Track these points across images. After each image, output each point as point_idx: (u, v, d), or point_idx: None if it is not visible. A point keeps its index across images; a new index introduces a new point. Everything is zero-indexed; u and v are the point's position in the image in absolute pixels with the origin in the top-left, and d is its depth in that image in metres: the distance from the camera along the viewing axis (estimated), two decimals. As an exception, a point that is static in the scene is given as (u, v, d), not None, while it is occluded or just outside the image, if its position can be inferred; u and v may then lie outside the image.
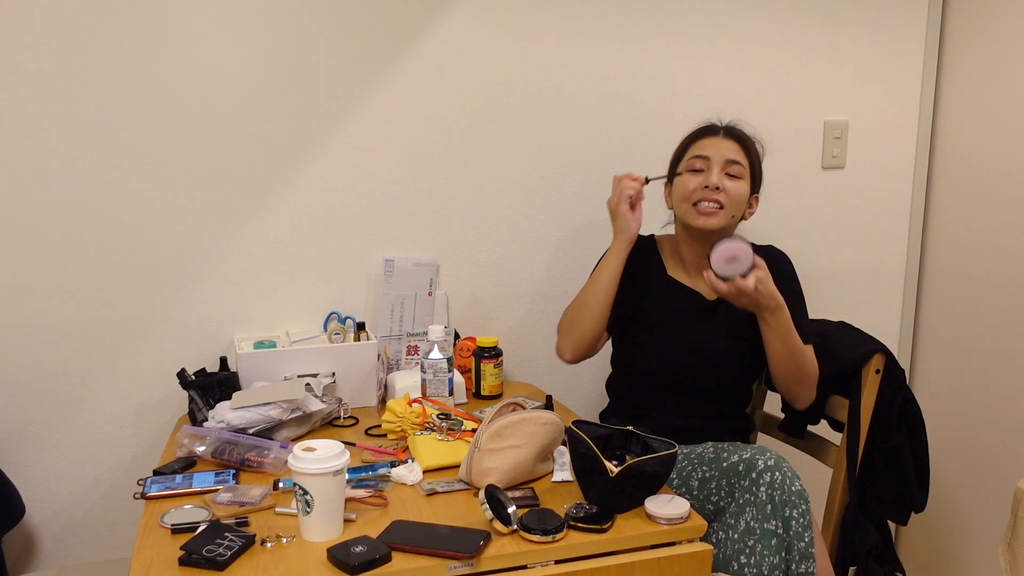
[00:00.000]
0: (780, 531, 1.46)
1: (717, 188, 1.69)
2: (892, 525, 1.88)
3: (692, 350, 1.76)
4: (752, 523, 1.48)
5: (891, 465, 1.81)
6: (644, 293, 1.80)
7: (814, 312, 2.11)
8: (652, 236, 1.89)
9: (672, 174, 1.79)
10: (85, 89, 1.77)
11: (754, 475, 1.50)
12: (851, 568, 1.80)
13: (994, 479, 2.22)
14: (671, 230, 1.87)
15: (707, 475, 1.61)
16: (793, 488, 1.47)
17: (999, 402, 2.20)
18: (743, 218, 1.79)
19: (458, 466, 1.48)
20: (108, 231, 1.83)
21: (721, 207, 1.70)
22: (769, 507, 1.47)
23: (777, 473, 1.48)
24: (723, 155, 1.72)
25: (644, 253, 1.83)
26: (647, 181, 1.77)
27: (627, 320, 1.79)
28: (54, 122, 1.76)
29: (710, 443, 1.69)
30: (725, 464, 1.57)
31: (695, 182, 1.71)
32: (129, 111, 1.80)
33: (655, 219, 1.91)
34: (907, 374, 2.29)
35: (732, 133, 1.76)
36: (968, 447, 2.29)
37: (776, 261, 1.79)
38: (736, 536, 1.50)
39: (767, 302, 1.63)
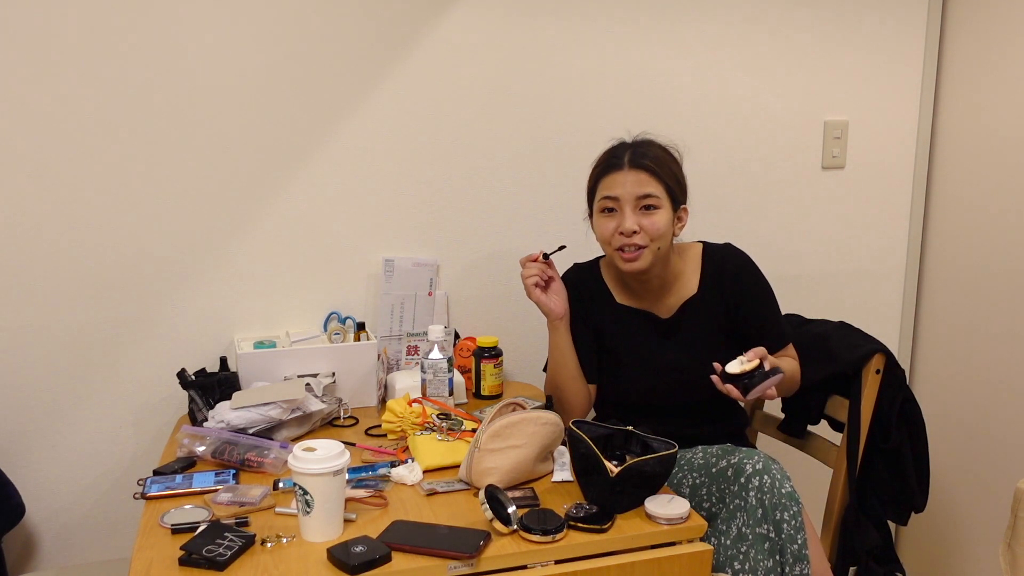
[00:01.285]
0: (772, 535, 1.45)
1: (634, 232, 1.61)
2: (892, 525, 1.88)
3: (661, 371, 1.72)
4: (744, 528, 1.47)
5: (891, 465, 1.81)
6: (600, 324, 1.77)
7: (815, 312, 2.11)
8: (596, 262, 1.83)
9: (561, 248, 1.74)
10: (85, 90, 1.77)
11: (743, 480, 1.48)
12: (851, 568, 1.80)
13: (994, 479, 2.22)
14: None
15: (698, 481, 1.59)
16: (783, 491, 1.45)
17: (999, 402, 2.20)
18: (674, 235, 1.69)
19: (458, 466, 1.48)
20: (108, 231, 1.83)
21: (643, 247, 1.63)
22: (760, 511, 1.46)
23: (766, 476, 1.47)
24: (632, 193, 1.61)
25: (590, 287, 1.78)
26: (545, 257, 1.72)
27: (597, 350, 1.78)
28: (54, 122, 1.76)
29: (700, 448, 1.67)
30: (714, 470, 1.56)
31: (610, 227, 1.64)
32: (129, 111, 1.80)
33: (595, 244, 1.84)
34: (907, 374, 2.29)
35: (637, 162, 1.63)
36: (968, 447, 2.29)
37: (738, 267, 1.73)
38: (729, 543, 1.48)
39: (789, 389, 1.74)
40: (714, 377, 1.53)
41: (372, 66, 1.93)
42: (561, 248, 1.76)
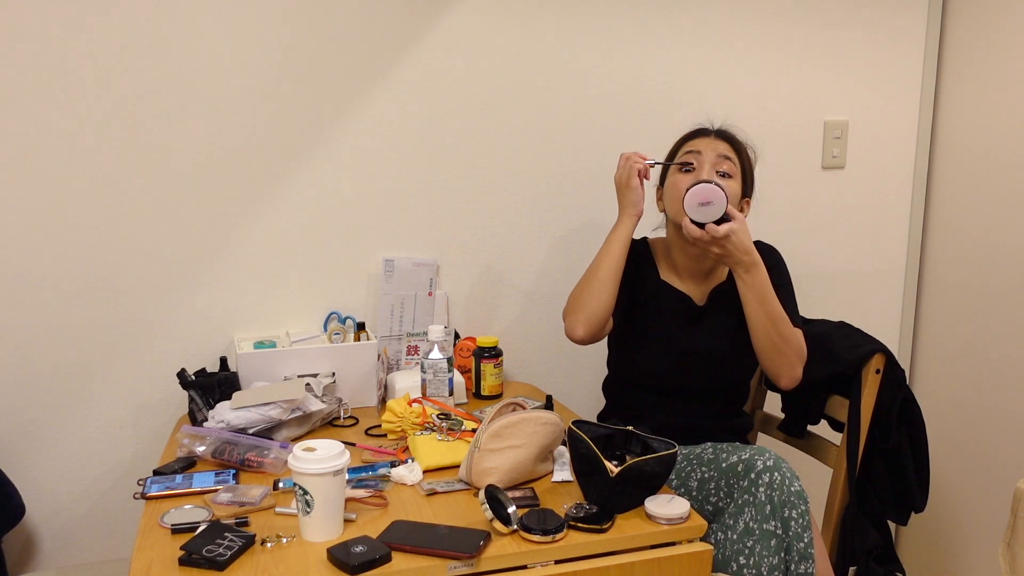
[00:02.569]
0: (779, 532, 1.46)
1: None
2: (892, 525, 1.88)
3: (683, 354, 1.76)
4: (751, 524, 1.48)
5: (891, 465, 1.81)
6: (638, 295, 1.80)
7: (814, 312, 2.12)
8: (645, 239, 1.89)
9: (671, 163, 1.78)
10: (85, 89, 1.77)
11: (753, 475, 1.50)
12: (851, 568, 1.80)
13: (994, 479, 2.22)
14: (663, 233, 1.86)
15: (706, 476, 1.61)
16: (792, 488, 1.47)
17: (999, 402, 2.20)
18: None
19: (458, 466, 1.49)
20: (108, 231, 1.83)
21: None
22: (768, 508, 1.47)
23: (776, 474, 1.48)
24: (714, 151, 1.72)
25: (638, 256, 1.82)
26: (652, 164, 1.76)
27: (623, 319, 1.79)
28: (54, 122, 1.76)
29: (709, 444, 1.69)
30: (724, 465, 1.57)
31: (687, 181, 1.70)
32: (129, 110, 1.80)
33: (647, 222, 1.90)
34: (907, 374, 2.29)
35: (723, 134, 1.77)
36: (968, 447, 2.30)
37: (763, 252, 1.75)
38: (735, 537, 1.50)
39: (741, 256, 1.61)
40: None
41: (372, 66, 1.93)
42: (664, 164, 1.80)
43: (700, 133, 1.78)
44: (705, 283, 1.81)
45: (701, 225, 1.60)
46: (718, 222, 1.59)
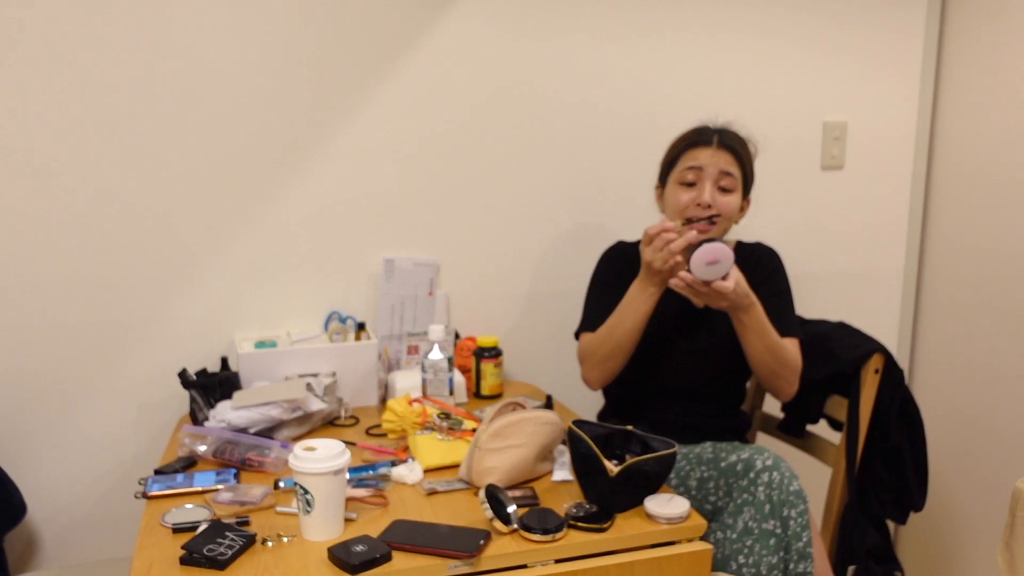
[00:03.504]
0: (778, 531, 1.47)
1: (710, 206, 1.68)
2: (891, 524, 1.89)
3: (682, 355, 1.77)
4: (750, 523, 1.48)
5: (890, 465, 1.82)
6: None
7: (814, 312, 2.12)
8: (640, 242, 1.88)
9: (693, 230, 1.69)
10: (85, 89, 1.77)
11: (752, 475, 1.50)
12: (850, 567, 1.81)
13: (993, 479, 2.23)
14: None
15: (705, 475, 1.61)
16: (791, 488, 1.47)
17: (998, 402, 2.20)
18: (735, 222, 1.77)
19: (458, 466, 1.49)
20: (108, 231, 1.83)
21: (714, 224, 1.70)
22: (767, 507, 1.47)
23: (775, 473, 1.48)
24: (716, 167, 1.69)
25: (633, 260, 1.81)
26: (685, 223, 1.70)
27: None
28: (54, 122, 1.77)
29: (708, 443, 1.70)
30: (723, 464, 1.57)
31: (687, 197, 1.70)
32: (129, 111, 1.80)
33: (644, 223, 1.91)
34: (906, 374, 2.29)
35: (725, 143, 1.72)
36: (967, 447, 2.30)
37: (764, 257, 1.80)
38: (734, 536, 1.50)
39: (742, 301, 1.61)
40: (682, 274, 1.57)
41: (372, 66, 1.93)
42: (692, 228, 1.69)
43: (700, 141, 1.73)
44: None
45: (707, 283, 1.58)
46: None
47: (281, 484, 1.44)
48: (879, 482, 1.83)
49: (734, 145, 1.73)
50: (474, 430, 1.58)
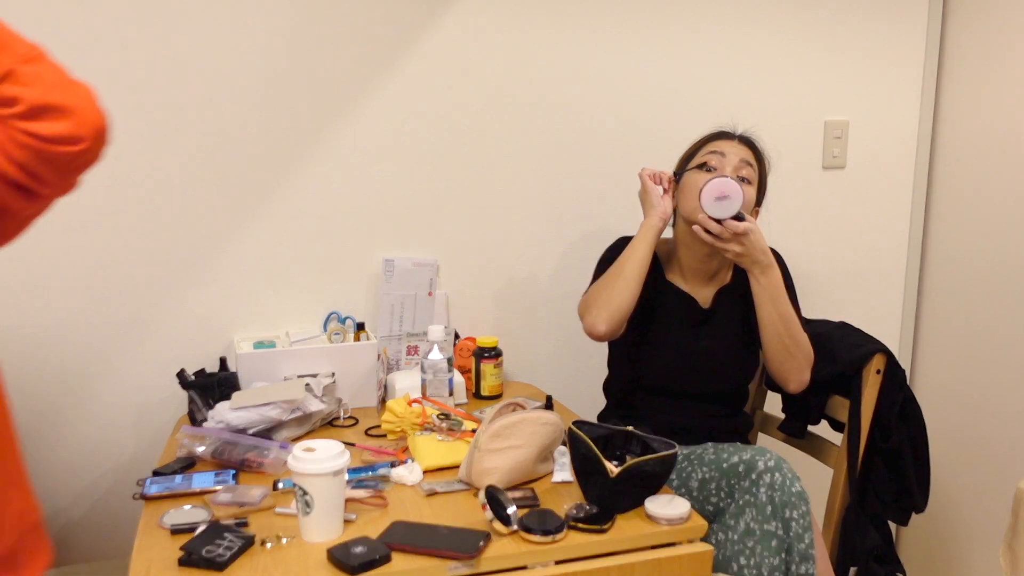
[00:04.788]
0: (780, 532, 1.46)
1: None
2: (893, 525, 1.88)
3: (686, 356, 1.76)
4: (752, 524, 1.48)
5: (891, 465, 1.81)
6: (642, 296, 1.79)
7: (814, 312, 2.11)
8: None
9: (683, 170, 1.78)
10: (85, 89, 1.76)
11: (754, 476, 1.50)
12: (852, 568, 1.80)
13: (994, 479, 2.22)
14: (669, 234, 1.86)
15: (707, 476, 1.60)
16: (793, 489, 1.47)
17: (1000, 402, 2.20)
18: None
19: (458, 466, 1.48)
20: (108, 231, 1.83)
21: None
22: (769, 508, 1.47)
23: (777, 474, 1.48)
24: (737, 155, 1.72)
25: None
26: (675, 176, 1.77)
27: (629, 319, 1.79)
28: (54, 122, 1.76)
29: (710, 444, 1.69)
30: (725, 465, 1.57)
31: (705, 179, 1.69)
32: (129, 111, 1.80)
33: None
34: (908, 374, 2.28)
35: (747, 141, 1.77)
36: (969, 447, 2.29)
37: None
38: (736, 537, 1.49)
39: (758, 256, 1.61)
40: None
41: (372, 66, 1.93)
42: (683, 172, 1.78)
43: (724, 136, 1.77)
44: (710, 285, 1.81)
45: (719, 221, 1.59)
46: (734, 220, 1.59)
47: (280, 485, 1.44)
48: (880, 483, 1.82)
49: (755, 145, 1.77)
50: (474, 431, 1.58)
